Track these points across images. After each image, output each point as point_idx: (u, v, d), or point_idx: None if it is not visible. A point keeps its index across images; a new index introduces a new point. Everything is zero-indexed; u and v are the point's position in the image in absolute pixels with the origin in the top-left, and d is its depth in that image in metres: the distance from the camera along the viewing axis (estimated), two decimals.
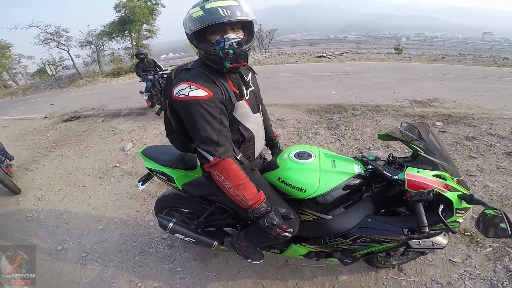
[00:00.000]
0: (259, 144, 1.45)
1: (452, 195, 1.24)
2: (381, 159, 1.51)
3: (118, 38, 19.04)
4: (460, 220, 1.34)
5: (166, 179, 1.71)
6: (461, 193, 1.27)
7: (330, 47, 26.50)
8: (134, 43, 19.43)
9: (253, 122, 1.32)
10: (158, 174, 1.75)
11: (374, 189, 1.43)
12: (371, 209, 1.45)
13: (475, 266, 1.89)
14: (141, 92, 6.14)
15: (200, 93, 1.07)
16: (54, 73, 14.45)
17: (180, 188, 1.64)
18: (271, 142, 1.80)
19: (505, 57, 15.76)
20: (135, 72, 6.09)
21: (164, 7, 20.03)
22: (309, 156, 1.45)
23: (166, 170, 1.68)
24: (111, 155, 4.03)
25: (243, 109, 1.25)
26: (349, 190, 1.38)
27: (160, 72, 5.56)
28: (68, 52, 18.59)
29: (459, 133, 3.82)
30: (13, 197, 3.07)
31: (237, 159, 1.22)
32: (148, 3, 18.88)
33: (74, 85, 13.46)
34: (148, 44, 20.27)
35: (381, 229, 1.38)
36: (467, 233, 2.16)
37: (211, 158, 1.11)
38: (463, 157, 3.23)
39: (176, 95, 1.09)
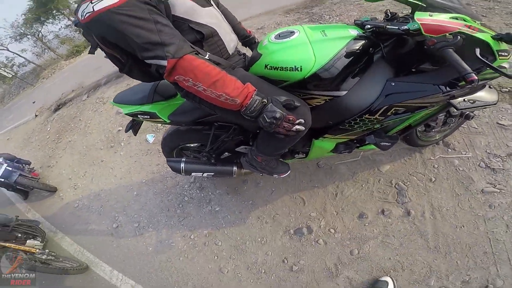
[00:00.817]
0: (229, 38, 1.25)
1: (485, 36, 1.00)
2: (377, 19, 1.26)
3: (51, 20, 16.41)
4: (506, 65, 1.14)
5: (149, 117, 1.55)
6: (494, 33, 1.03)
7: None
8: (73, 18, 16.62)
9: (207, 16, 1.13)
10: (139, 116, 1.58)
11: (385, 48, 1.18)
12: (390, 72, 1.21)
13: None
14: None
15: (107, 2, 0.87)
16: (13, 74, 13.66)
17: (168, 121, 1.50)
18: (247, 40, 1.61)
19: None
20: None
21: None
22: (291, 33, 1.22)
23: (144, 108, 1.52)
24: (110, 122, 3.93)
25: (183, 5, 1.06)
26: (353, 56, 1.15)
27: None
28: (7, 49, 16.90)
29: None
30: (55, 194, 3.24)
31: (206, 58, 1.00)
32: None
33: (42, 77, 12.88)
34: None
35: (412, 91, 1.16)
36: (504, 89, 1.66)
37: (164, 62, 0.91)
38: (495, 29, 2.46)
39: (82, 19, 0.92)
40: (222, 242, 1.92)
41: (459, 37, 0.95)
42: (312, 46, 1.14)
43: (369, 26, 1.17)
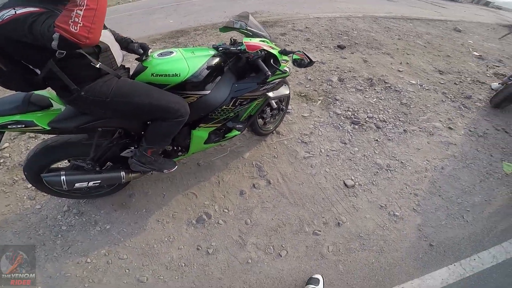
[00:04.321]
0: (118, 54, 1.61)
1: (275, 51, 1.93)
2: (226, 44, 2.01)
3: None
4: (287, 69, 2.04)
5: (23, 126, 1.48)
6: (279, 49, 2.00)
7: None
8: None
9: (103, 36, 1.39)
10: (10, 126, 1.47)
11: (230, 63, 1.98)
12: (235, 78, 1.97)
13: (318, 116, 2.78)
14: None
15: (29, 9, 1.10)
16: None
17: (47, 128, 1.50)
18: (125, 42, 1.81)
19: None
20: None
21: None
22: (171, 53, 1.75)
23: (18, 117, 1.46)
24: None
25: None
26: (212, 68, 1.79)
27: None
28: None
29: (276, 32, 5.61)
30: None
31: (99, 67, 1.40)
32: None
33: None
34: None
35: (245, 88, 1.94)
36: (302, 94, 2.89)
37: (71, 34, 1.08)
38: (281, 46, 4.47)
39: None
40: (127, 254, 1.96)
41: (262, 52, 1.81)
42: (186, 61, 1.70)
43: (221, 48, 1.89)
